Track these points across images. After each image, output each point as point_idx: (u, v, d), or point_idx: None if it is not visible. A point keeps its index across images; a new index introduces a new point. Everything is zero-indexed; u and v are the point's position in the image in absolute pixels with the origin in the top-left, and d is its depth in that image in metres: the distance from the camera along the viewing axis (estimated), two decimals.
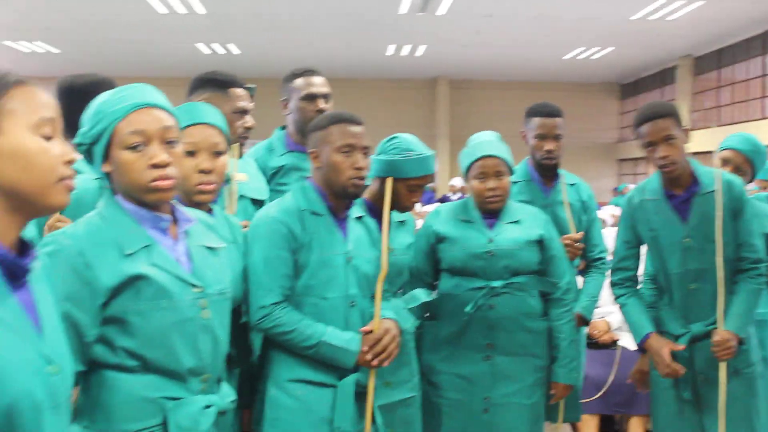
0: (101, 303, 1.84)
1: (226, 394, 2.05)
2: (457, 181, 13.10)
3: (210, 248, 2.05)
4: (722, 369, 2.95)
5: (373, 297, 2.65)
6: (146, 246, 1.88)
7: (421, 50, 16.57)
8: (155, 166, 1.86)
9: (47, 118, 1.36)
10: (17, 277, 1.36)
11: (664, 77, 19.84)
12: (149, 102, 1.92)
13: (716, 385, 2.97)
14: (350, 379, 2.57)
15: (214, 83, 2.96)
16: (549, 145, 3.53)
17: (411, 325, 2.82)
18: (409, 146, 2.96)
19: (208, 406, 1.93)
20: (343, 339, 2.52)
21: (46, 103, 1.38)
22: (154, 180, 1.87)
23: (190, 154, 2.30)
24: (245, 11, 12.78)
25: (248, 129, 2.99)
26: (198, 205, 2.31)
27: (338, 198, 2.61)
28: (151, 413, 1.87)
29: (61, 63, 17.38)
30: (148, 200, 1.89)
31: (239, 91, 2.99)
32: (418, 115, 20.79)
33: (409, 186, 2.92)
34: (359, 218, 2.72)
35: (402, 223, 3.12)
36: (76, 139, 1.93)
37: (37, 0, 12.28)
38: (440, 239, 3.20)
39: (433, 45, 15.93)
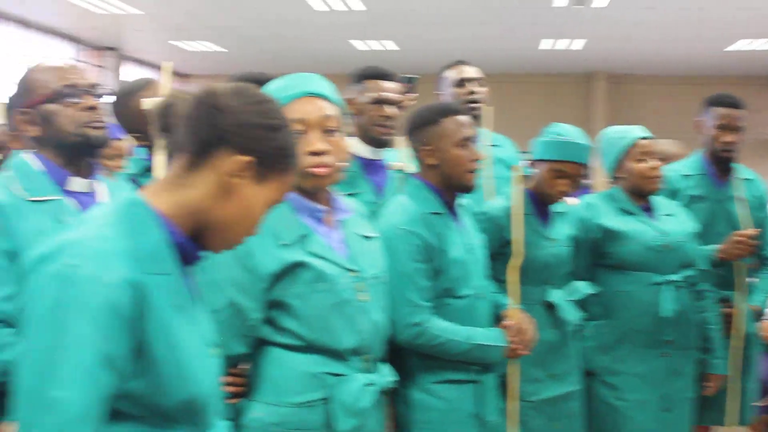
0: (264, 288, 1.93)
1: (386, 374, 2.10)
2: None
3: (365, 236, 2.11)
4: None
5: (497, 284, 2.65)
6: (303, 235, 1.96)
7: (577, 44, 16.20)
8: (312, 154, 1.93)
9: (279, 202, 1.52)
10: (188, 262, 1.46)
11: None
12: (311, 91, 1.99)
13: None
14: (493, 372, 2.59)
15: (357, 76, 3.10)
16: (729, 137, 3.42)
17: (575, 317, 2.79)
18: (563, 132, 2.92)
19: (369, 384, 1.99)
20: (490, 336, 2.53)
21: (288, 190, 1.53)
22: (311, 167, 1.94)
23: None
24: (402, 7, 12.88)
25: (387, 118, 3.00)
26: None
27: (455, 192, 2.60)
28: (315, 388, 1.97)
29: (226, 61, 18.06)
30: (305, 186, 1.98)
31: (382, 82, 3.09)
32: (572, 111, 20.31)
33: (554, 171, 2.87)
34: (463, 207, 2.71)
35: (562, 213, 3.08)
36: None
37: (204, 2, 12.82)
38: (608, 234, 3.12)
39: (591, 39, 15.53)
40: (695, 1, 12.46)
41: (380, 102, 3.15)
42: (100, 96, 2.04)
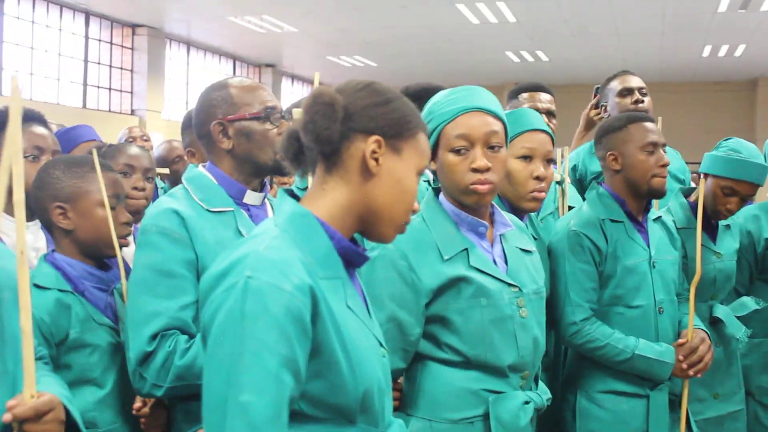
0: (425, 303, 1.93)
1: (543, 392, 2.07)
2: None
3: (524, 250, 2.09)
4: None
5: (681, 302, 2.56)
6: (465, 249, 1.96)
7: (740, 50, 15.53)
8: (475, 170, 1.93)
9: (425, 167, 1.53)
10: (353, 266, 1.50)
11: None
12: (478, 106, 1.98)
13: None
14: (664, 389, 2.50)
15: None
16: None
17: (742, 334, 2.68)
18: (739, 148, 2.82)
19: (527, 402, 1.96)
20: (657, 351, 2.45)
21: (429, 155, 1.56)
22: (473, 183, 1.93)
23: (526, 158, 2.32)
24: (553, 18, 12.75)
25: None
26: (520, 211, 2.35)
27: (640, 199, 2.55)
28: (474, 404, 1.93)
29: (378, 75, 18.40)
30: (466, 202, 1.97)
31: (538, 94, 3.12)
32: (735, 120, 19.46)
33: (723, 188, 2.77)
34: (657, 219, 2.64)
35: (728, 227, 2.97)
36: None
37: (357, 18, 13.11)
38: None
39: (754, 43, 14.86)
40: None
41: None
42: (290, 120, 2.08)
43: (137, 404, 1.99)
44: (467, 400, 1.93)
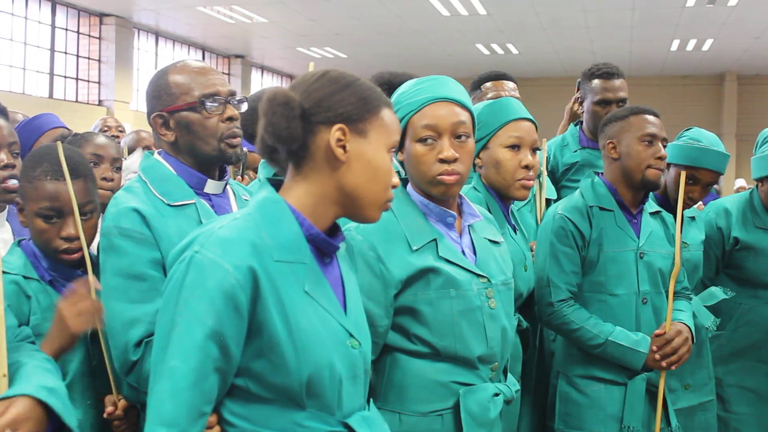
0: (393, 294, 1.92)
1: (512, 384, 2.06)
2: (741, 182, 12.32)
3: (492, 242, 2.08)
4: None
5: (667, 294, 2.58)
6: (433, 240, 1.94)
7: (707, 44, 15.68)
8: (443, 161, 1.92)
9: (396, 142, 1.53)
10: (326, 254, 1.52)
11: None
12: (445, 96, 1.96)
13: None
14: (641, 378, 2.51)
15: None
16: None
17: (711, 323, 2.71)
18: (699, 137, 2.85)
19: (496, 394, 1.96)
20: (632, 339, 2.47)
21: (398, 129, 1.55)
22: (441, 174, 1.92)
23: (514, 148, 2.34)
24: (524, 10, 12.78)
25: None
26: (508, 200, 2.39)
27: (634, 190, 2.57)
28: (443, 397, 1.92)
29: (349, 66, 18.35)
30: (433, 193, 1.95)
31: (503, 82, 3.13)
32: (702, 113, 19.67)
33: (686, 176, 2.80)
34: (656, 213, 2.65)
35: (693, 218, 2.99)
36: None
37: (327, 9, 13.05)
38: (742, 246, 3.02)
39: (722, 38, 15.01)
40: None
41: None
42: (238, 105, 2.02)
43: (109, 408, 1.94)
44: (437, 393, 1.92)
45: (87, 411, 1.98)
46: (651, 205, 2.65)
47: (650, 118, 2.58)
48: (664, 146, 2.57)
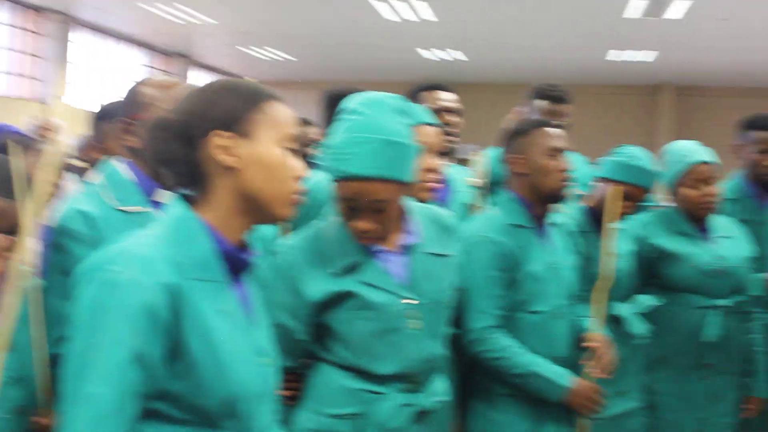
0: (309, 312, 1.98)
1: (433, 394, 2.08)
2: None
3: (439, 255, 2.09)
4: None
5: (581, 304, 2.61)
6: (355, 262, 1.97)
7: (646, 55, 15.96)
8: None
9: (291, 134, 1.48)
10: (238, 271, 1.48)
11: None
12: (353, 174, 1.92)
13: None
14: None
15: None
16: None
17: (643, 331, 2.76)
18: (632, 154, 2.91)
19: (406, 405, 2.00)
20: (554, 371, 2.47)
21: (292, 119, 1.50)
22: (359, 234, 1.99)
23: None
24: (472, 17, 12.85)
25: (447, 125, 3.04)
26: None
27: (544, 204, 2.58)
28: (351, 403, 2.02)
29: (298, 70, 18.29)
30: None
31: (438, 92, 3.16)
32: (636, 123, 20.00)
33: (623, 193, 2.85)
34: (555, 224, 2.67)
35: (620, 230, 3.05)
36: None
37: (276, 10, 12.98)
38: (662, 254, 3.08)
39: (662, 50, 15.30)
40: None
41: (440, 111, 3.10)
42: None
43: (45, 420, 1.89)
44: (346, 398, 2.02)
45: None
46: (552, 217, 2.65)
47: (552, 131, 2.59)
48: (569, 157, 2.60)
